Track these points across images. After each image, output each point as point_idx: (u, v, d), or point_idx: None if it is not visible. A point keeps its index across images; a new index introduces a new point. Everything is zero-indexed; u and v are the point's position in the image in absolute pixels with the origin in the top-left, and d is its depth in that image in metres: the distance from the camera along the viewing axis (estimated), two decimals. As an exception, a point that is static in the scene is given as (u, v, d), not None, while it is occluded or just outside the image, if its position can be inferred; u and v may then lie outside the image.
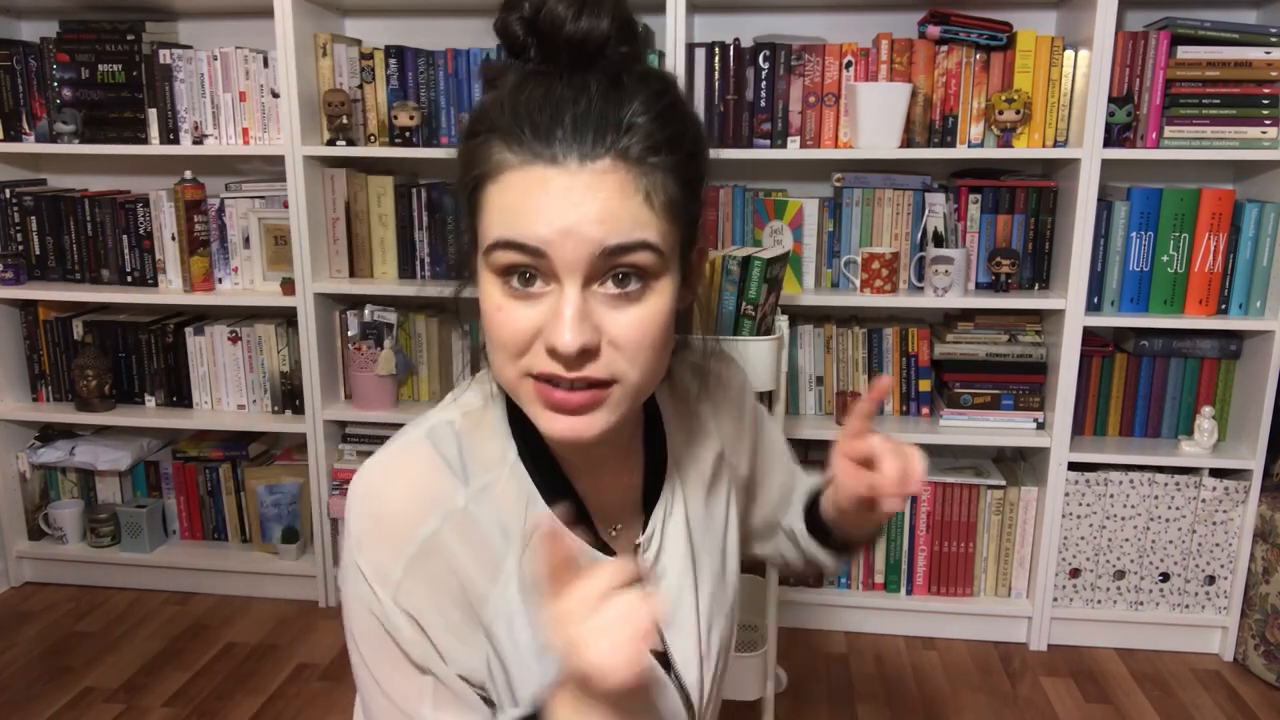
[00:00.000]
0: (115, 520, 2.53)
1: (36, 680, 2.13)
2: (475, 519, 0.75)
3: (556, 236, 0.65)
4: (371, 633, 0.74)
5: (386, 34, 2.39)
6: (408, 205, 2.32)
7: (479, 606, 0.75)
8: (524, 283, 0.68)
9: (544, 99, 0.67)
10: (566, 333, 0.66)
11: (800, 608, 2.35)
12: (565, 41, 0.68)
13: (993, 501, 2.24)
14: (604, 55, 0.69)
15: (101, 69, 2.32)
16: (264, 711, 2.02)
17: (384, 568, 0.73)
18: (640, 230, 0.67)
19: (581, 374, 0.68)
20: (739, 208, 2.24)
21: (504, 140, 0.67)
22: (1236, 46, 2.01)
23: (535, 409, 0.71)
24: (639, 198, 0.67)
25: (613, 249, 0.66)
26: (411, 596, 0.73)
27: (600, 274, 0.67)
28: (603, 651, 0.61)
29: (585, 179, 0.65)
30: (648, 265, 0.68)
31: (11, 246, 2.48)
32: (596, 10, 0.68)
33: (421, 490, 0.74)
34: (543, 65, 0.70)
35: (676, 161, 0.69)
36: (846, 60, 2.12)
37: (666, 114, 0.69)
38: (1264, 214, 2.05)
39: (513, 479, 0.77)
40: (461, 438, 0.77)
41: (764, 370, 1.71)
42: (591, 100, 0.67)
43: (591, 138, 0.65)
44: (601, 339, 0.68)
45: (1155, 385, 2.21)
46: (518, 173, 0.66)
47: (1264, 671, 2.14)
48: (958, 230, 2.20)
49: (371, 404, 2.34)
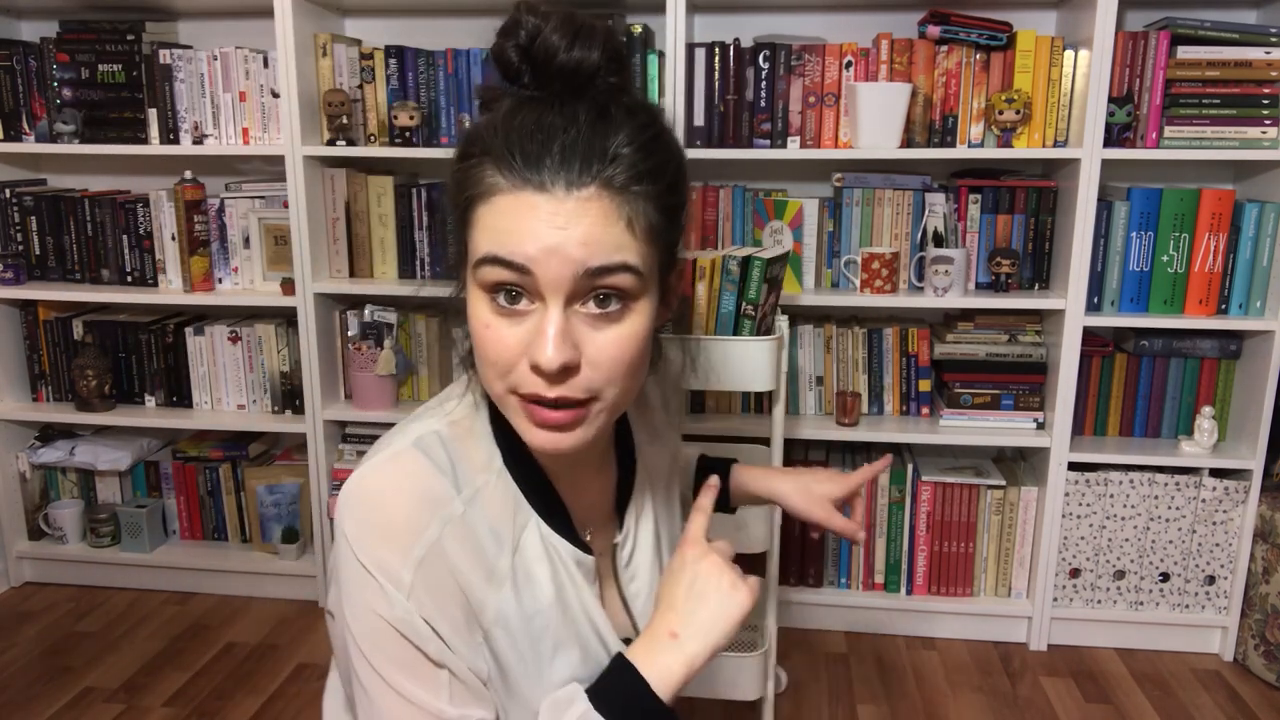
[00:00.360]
0: (115, 520, 2.53)
1: (36, 680, 2.13)
2: (470, 524, 0.77)
3: (542, 255, 0.69)
4: (382, 635, 0.75)
5: (386, 34, 2.40)
6: (408, 205, 2.32)
7: (478, 611, 0.78)
8: (510, 300, 0.72)
9: (535, 127, 0.71)
10: (549, 349, 0.70)
11: (800, 608, 2.35)
12: (558, 70, 0.72)
13: (993, 501, 2.24)
14: (594, 84, 0.73)
15: (101, 69, 2.32)
16: (264, 711, 2.03)
17: (393, 570, 0.74)
18: (622, 253, 0.71)
19: (562, 393, 0.72)
20: (739, 208, 2.24)
21: (496, 165, 0.71)
22: (1236, 46, 2.01)
23: (520, 421, 0.76)
24: (621, 224, 0.71)
25: (595, 270, 0.70)
26: (422, 598, 0.74)
27: (583, 294, 0.71)
28: (744, 588, 0.84)
29: (571, 205, 0.69)
30: (628, 287, 0.72)
31: (11, 246, 2.48)
32: (588, 42, 0.71)
33: (421, 496, 0.76)
34: (535, 91, 0.74)
35: (658, 191, 0.73)
36: (846, 60, 2.12)
37: (651, 145, 0.73)
38: (1264, 214, 2.05)
39: (500, 485, 0.81)
40: (449, 446, 0.79)
41: (764, 370, 1.71)
42: (580, 130, 0.71)
43: (579, 166, 0.69)
44: (581, 358, 0.72)
45: (1155, 385, 2.22)
46: (508, 196, 0.70)
47: (1264, 671, 2.14)
48: (958, 230, 2.20)
49: (371, 404, 2.34)
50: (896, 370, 2.28)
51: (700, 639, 0.81)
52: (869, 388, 2.30)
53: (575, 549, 0.84)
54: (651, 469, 0.97)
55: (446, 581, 0.75)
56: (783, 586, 2.32)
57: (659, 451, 1.00)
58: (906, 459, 2.31)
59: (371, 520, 0.75)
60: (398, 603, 0.73)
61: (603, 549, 0.90)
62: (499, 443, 0.82)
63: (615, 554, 0.92)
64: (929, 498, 2.25)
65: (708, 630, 0.82)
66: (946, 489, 2.25)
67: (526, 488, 0.82)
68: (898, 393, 2.30)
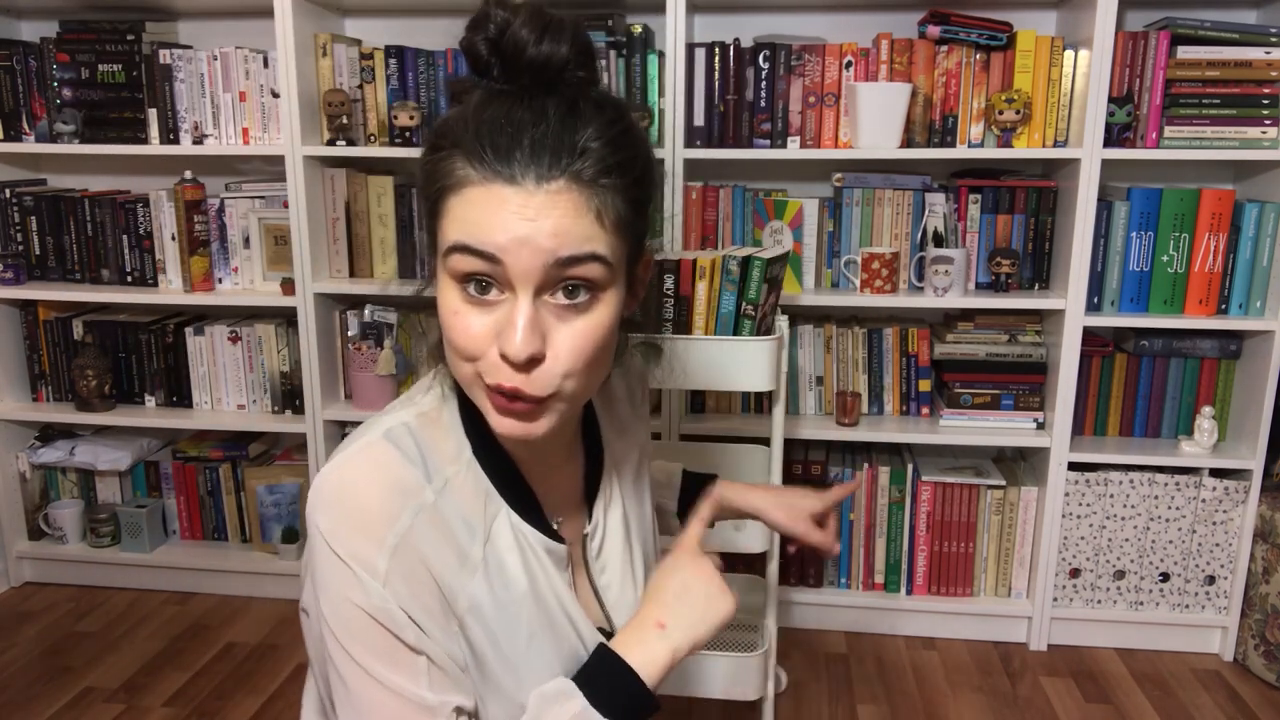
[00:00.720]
0: (115, 520, 2.53)
1: (36, 680, 2.13)
2: (442, 513, 0.78)
3: (512, 245, 0.70)
4: (359, 624, 0.75)
5: (386, 34, 2.40)
6: (408, 205, 2.32)
7: (452, 600, 0.79)
8: (480, 290, 0.73)
9: (505, 120, 0.71)
10: (518, 340, 0.71)
11: (800, 608, 2.35)
12: (527, 64, 0.72)
13: (993, 501, 2.24)
14: (563, 78, 0.73)
15: (101, 69, 2.32)
16: (264, 711, 2.03)
17: (368, 559, 0.74)
18: (591, 244, 0.72)
19: (519, 387, 0.73)
20: (739, 208, 2.24)
21: (466, 157, 0.72)
22: (1236, 46, 2.01)
23: (486, 406, 0.77)
24: (590, 216, 0.72)
25: (565, 260, 0.71)
26: (397, 586, 0.75)
27: (552, 284, 0.72)
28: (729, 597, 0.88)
29: (541, 198, 0.70)
30: (597, 278, 0.73)
31: (11, 246, 2.48)
32: (557, 36, 0.72)
33: (392, 486, 0.77)
34: (505, 84, 0.74)
35: (626, 184, 0.74)
36: (846, 60, 2.12)
37: (619, 140, 0.74)
38: (1264, 214, 2.05)
39: (470, 475, 0.82)
40: (418, 437, 0.80)
41: (764, 370, 1.71)
42: (549, 124, 0.71)
43: (548, 160, 0.70)
44: (547, 348, 0.73)
45: (1155, 385, 2.22)
46: (479, 188, 0.71)
47: (1264, 671, 2.14)
48: (958, 230, 2.20)
49: (371, 404, 2.34)
50: (896, 370, 2.28)
51: (685, 632, 0.85)
52: (869, 388, 2.30)
53: (546, 538, 0.85)
54: (619, 460, 0.98)
55: (420, 570, 0.76)
56: (783, 586, 2.32)
57: (626, 444, 1.01)
58: (906, 459, 2.31)
59: (344, 511, 0.75)
60: (374, 591, 0.74)
61: (573, 538, 0.91)
62: (468, 433, 0.83)
63: (585, 545, 0.93)
64: (929, 498, 2.25)
65: (693, 625, 0.85)
66: (946, 489, 2.25)
67: (496, 478, 0.83)
68: (898, 393, 2.30)
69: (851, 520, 2.31)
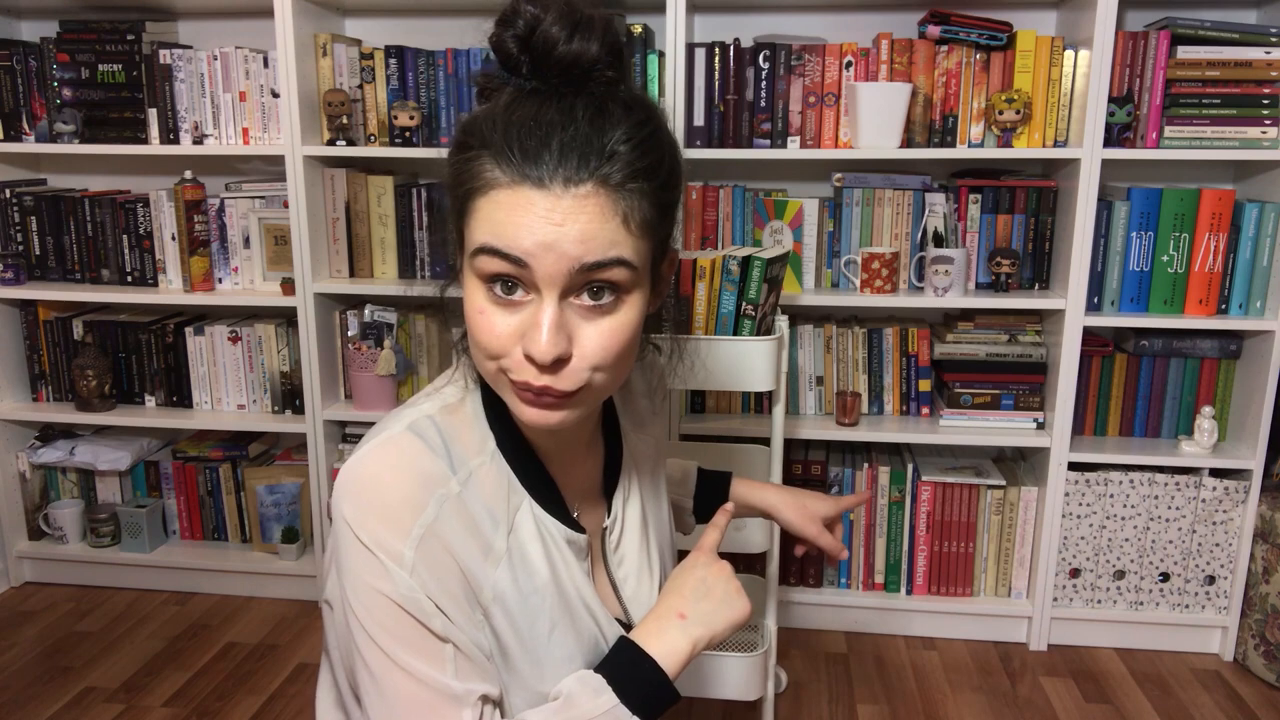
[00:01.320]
0: (115, 520, 2.53)
1: (36, 680, 2.13)
2: (467, 504, 0.79)
3: (538, 250, 0.70)
4: (386, 612, 0.75)
5: (386, 34, 2.40)
6: (408, 205, 2.32)
7: (477, 589, 0.79)
8: (506, 290, 0.73)
9: (534, 122, 0.71)
10: (543, 342, 0.71)
11: (800, 608, 2.35)
12: (557, 61, 0.72)
13: (993, 501, 2.24)
14: (592, 78, 0.73)
15: (101, 69, 2.32)
16: (264, 711, 2.03)
17: (395, 548, 0.75)
18: (617, 249, 0.72)
19: (548, 384, 0.74)
20: (739, 208, 2.24)
21: (494, 159, 0.71)
22: (1236, 46, 2.01)
23: (510, 398, 0.78)
24: (617, 220, 0.72)
25: (591, 265, 0.71)
26: (424, 575, 0.75)
27: (577, 287, 0.73)
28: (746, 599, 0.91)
29: (568, 202, 0.70)
30: (622, 280, 0.73)
31: (11, 246, 2.48)
32: (588, 34, 0.72)
33: (418, 477, 0.77)
34: (534, 82, 0.74)
35: (653, 187, 0.74)
36: (846, 60, 2.12)
37: (647, 142, 0.73)
38: (1264, 214, 2.05)
39: (493, 466, 0.83)
40: (443, 429, 0.81)
41: (764, 370, 1.71)
42: (578, 127, 0.71)
43: (576, 163, 0.70)
44: (573, 348, 0.74)
45: (1155, 385, 2.22)
46: (506, 191, 0.71)
47: (1264, 671, 2.14)
48: (958, 230, 2.20)
49: (371, 404, 2.34)
50: (896, 370, 2.28)
51: (704, 625, 0.87)
52: (869, 388, 2.30)
53: (566, 528, 0.86)
54: (637, 455, 0.99)
55: (446, 560, 0.77)
56: (783, 586, 2.32)
57: (644, 439, 1.02)
58: (906, 459, 2.31)
59: (370, 502, 0.76)
60: (401, 580, 0.74)
61: (592, 530, 0.92)
62: (491, 425, 0.84)
63: (604, 537, 0.94)
64: (929, 498, 2.25)
65: (712, 621, 0.88)
66: (946, 489, 2.25)
67: (519, 469, 0.84)
68: (898, 393, 2.30)
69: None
